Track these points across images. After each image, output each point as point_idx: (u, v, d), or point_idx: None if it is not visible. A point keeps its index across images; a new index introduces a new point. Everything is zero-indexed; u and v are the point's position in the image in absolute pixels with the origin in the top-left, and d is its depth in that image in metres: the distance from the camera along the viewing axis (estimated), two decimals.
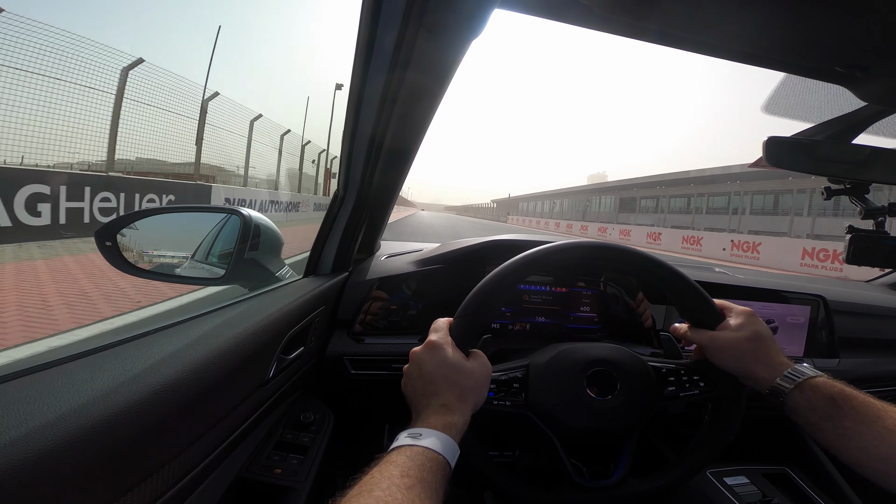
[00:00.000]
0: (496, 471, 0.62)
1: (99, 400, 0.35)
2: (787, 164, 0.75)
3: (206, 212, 1.01)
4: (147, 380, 0.40)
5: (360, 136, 0.78)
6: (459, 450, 0.50)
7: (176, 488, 0.43)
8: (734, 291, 1.11)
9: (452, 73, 0.65)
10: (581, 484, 0.62)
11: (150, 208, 0.80)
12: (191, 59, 31.71)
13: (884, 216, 0.85)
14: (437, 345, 0.59)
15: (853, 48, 0.57)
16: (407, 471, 0.42)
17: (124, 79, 7.78)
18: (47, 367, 0.40)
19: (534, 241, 0.98)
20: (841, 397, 0.54)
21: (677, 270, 0.68)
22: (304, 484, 0.66)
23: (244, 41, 72.13)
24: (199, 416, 0.47)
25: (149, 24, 47.67)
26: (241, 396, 0.58)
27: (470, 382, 0.57)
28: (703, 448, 0.66)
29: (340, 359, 0.92)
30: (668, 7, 0.52)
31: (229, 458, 0.59)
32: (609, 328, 1.05)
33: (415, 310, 1.02)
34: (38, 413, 0.32)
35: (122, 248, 0.76)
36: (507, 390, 0.64)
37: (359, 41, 0.59)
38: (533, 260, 0.66)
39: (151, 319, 3.14)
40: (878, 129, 0.78)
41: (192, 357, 0.47)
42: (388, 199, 1.05)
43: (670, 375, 0.67)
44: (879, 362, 1.17)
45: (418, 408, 0.55)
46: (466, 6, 0.51)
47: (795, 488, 0.93)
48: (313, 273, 0.97)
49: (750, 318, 0.64)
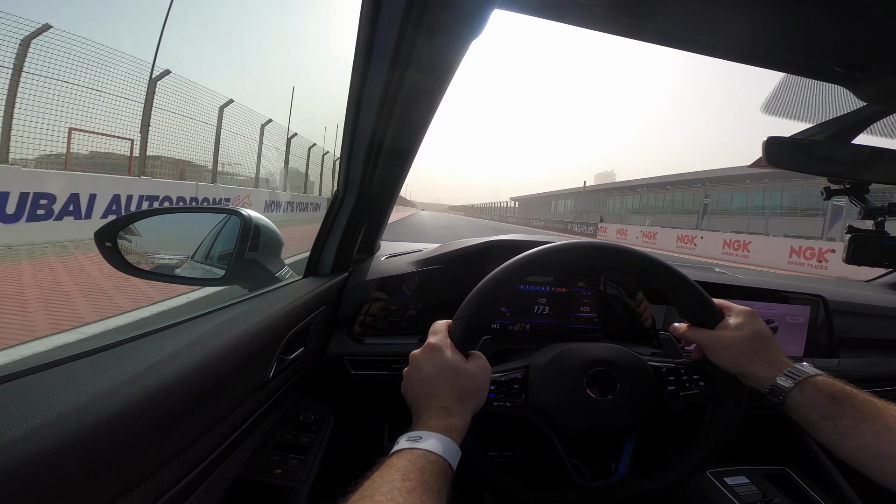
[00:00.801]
0: (496, 472, 0.62)
1: (98, 400, 0.35)
2: (786, 165, 0.75)
3: (205, 212, 1.01)
4: (147, 380, 0.40)
5: (359, 136, 0.78)
6: (461, 452, 0.50)
7: (176, 489, 0.43)
8: (734, 291, 1.11)
9: (452, 73, 0.65)
10: (582, 484, 0.62)
11: (150, 209, 0.80)
12: (188, 59, 31.54)
13: (883, 216, 0.86)
14: (436, 347, 0.59)
15: (853, 48, 0.57)
16: (408, 474, 0.42)
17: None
18: (47, 368, 0.40)
19: (534, 242, 0.98)
20: (841, 396, 0.54)
21: (677, 270, 0.68)
22: (304, 484, 0.66)
23: (243, 40, 71.68)
24: (199, 417, 0.47)
25: (148, 23, 47.48)
26: (242, 397, 0.58)
27: (470, 384, 0.57)
28: (703, 448, 0.66)
29: (340, 359, 0.92)
30: (668, 7, 0.52)
31: (229, 458, 0.59)
32: (609, 328, 1.05)
33: (415, 310, 1.02)
34: (38, 413, 0.32)
35: (122, 249, 0.76)
36: (507, 391, 0.64)
37: (358, 41, 0.59)
38: (533, 260, 0.66)
39: (151, 319, 3.15)
40: (877, 130, 0.78)
41: (192, 358, 0.47)
42: (388, 200, 1.05)
43: (670, 375, 0.67)
44: (879, 362, 1.17)
45: (418, 410, 0.55)
46: (466, 6, 0.51)
47: (796, 488, 0.93)
48: (313, 273, 0.97)
49: (749, 317, 0.64)
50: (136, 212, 0.77)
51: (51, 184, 6.21)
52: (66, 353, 0.42)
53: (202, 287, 0.95)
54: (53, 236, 6.04)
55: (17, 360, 2.35)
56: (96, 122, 7.73)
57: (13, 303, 3.42)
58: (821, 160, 0.78)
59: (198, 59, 35.73)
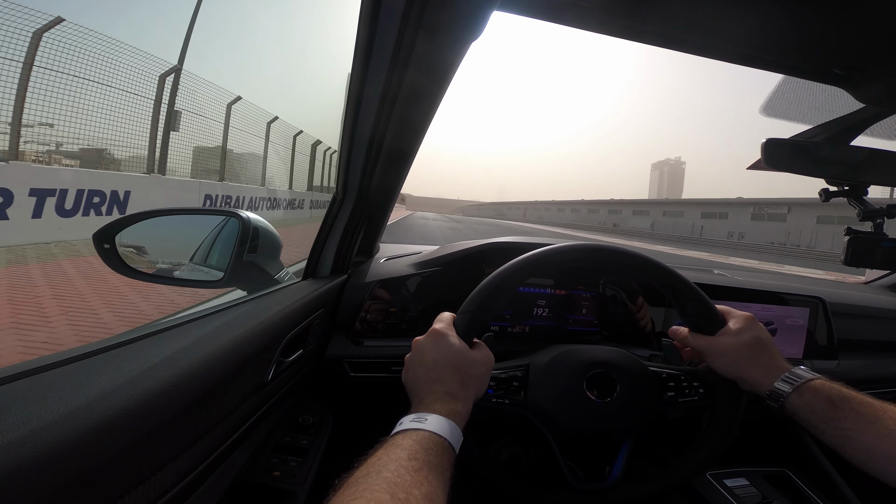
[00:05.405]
0: (489, 466, 0.62)
1: (97, 402, 0.35)
2: (785, 167, 0.75)
3: (204, 214, 1.01)
4: (145, 383, 0.40)
5: (359, 137, 0.78)
6: (462, 437, 0.50)
7: (174, 491, 0.43)
8: (733, 293, 1.11)
9: (452, 74, 0.65)
10: (575, 485, 0.62)
11: (149, 210, 0.80)
12: (190, 58, 31.60)
13: (882, 218, 0.86)
14: (441, 333, 0.59)
15: (851, 50, 0.57)
16: (414, 454, 0.42)
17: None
18: (45, 370, 0.40)
19: (533, 244, 0.98)
20: (840, 399, 0.54)
21: (679, 274, 0.68)
22: (303, 486, 0.66)
23: (243, 39, 71.76)
24: (198, 419, 0.47)
25: (148, 24, 47.44)
26: (240, 399, 0.57)
27: (473, 371, 0.57)
28: (700, 453, 0.65)
29: (340, 361, 0.92)
30: (667, 9, 0.53)
31: (228, 460, 0.58)
32: (608, 330, 1.05)
33: (414, 312, 1.01)
34: (36, 416, 0.32)
35: (120, 251, 0.76)
36: (506, 388, 0.64)
37: (358, 42, 0.59)
38: (537, 260, 0.66)
39: (150, 322, 3.15)
40: (876, 131, 0.78)
41: (191, 360, 0.46)
42: (387, 201, 1.05)
43: (670, 381, 0.67)
44: (878, 364, 1.17)
45: (420, 394, 0.55)
46: (464, 7, 0.52)
47: (795, 490, 0.93)
48: (312, 275, 0.97)
49: (749, 322, 0.64)
50: (134, 213, 0.77)
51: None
52: (64, 356, 0.42)
53: (201, 289, 0.95)
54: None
55: (14, 363, 2.35)
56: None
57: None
58: (819, 162, 0.78)
59: (198, 59, 35.80)
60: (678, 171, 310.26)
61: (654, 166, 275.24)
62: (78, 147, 7.49)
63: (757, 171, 0.83)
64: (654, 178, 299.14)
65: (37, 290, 3.84)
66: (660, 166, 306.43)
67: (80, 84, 6.97)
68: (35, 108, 6.36)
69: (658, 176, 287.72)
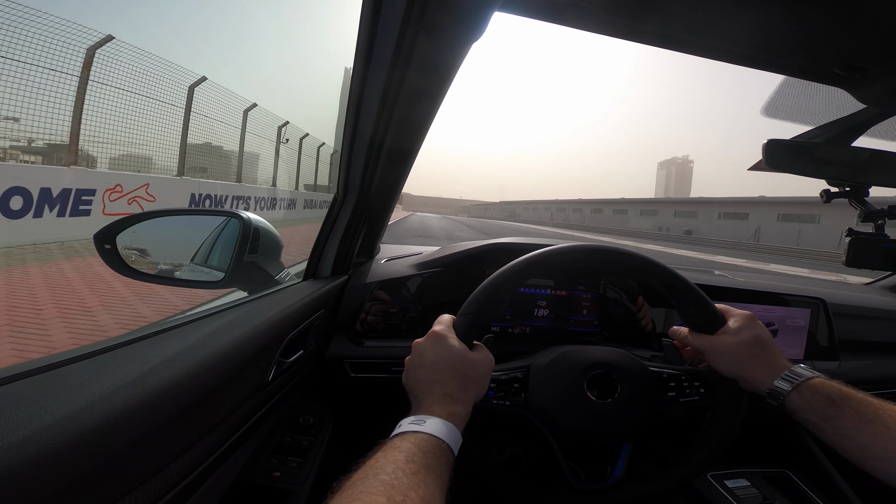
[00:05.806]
0: (490, 466, 0.62)
1: (97, 403, 0.35)
2: (786, 168, 0.75)
3: (205, 215, 1.01)
4: (146, 383, 0.40)
5: (359, 137, 0.78)
6: (461, 439, 0.50)
7: (174, 491, 0.43)
8: (734, 294, 1.11)
9: (453, 75, 0.65)
10: (576, 485, 0.62)
11: (150, 211, 0.80)
12: (188, 58, 31.67)
13: (883, 219, 0.85)
14: (440, 335, 0.59)
15: (852, 50, 0.57)
16: (412, 456, 0.42)
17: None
18: (45, 371, 0.40)
19: (533, 245, 0.98)
20: (839, 397, 0.54)
21: (679, 275, 0.68)
22: (304, 487, 0.66)
23: (243, 39, 71.59)
24: (199, 420, 0.47)
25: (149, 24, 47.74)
26: (241, 399, 0.57)
27: (473, 373, 0.57)
28: (701, 453, 0.65)
29: (340, 362, 0.92)
30: (668, 10, 0.53)
31: (228, 461, 0.58)
32: (608, 331, 1.05)
33: (415, 313, 1.01)
34: (36, 416, 0.32)
35: (121, 252, 0.76)
36: (507, 390, 0.64)
37: (359, 42, 0.59)
38: (538, 261, 0.66)
39: (151, 323, 3.15)
40: (877, 132, 0.78)
41: (192, 360, 0.47)
42: (388, 202, 1.05)
43: (671, 381, 0.67)
44: (879, 365, 1.17)
45: (420, 396, 0.55)
46: (465, 8, 0.52)
47: (796, 490, 0.93)
48: (313, 276, 0.97)
49: (750, 321, 0.64)
50: (135, 214, 0.77)
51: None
52: (65, 356, 0.42)
53: (201, 290, 0.95)
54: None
55: (15, 363, 2.36)
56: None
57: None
58: (820, 163, 0.78)
59: (197, 59, 35.99)
60: (686, 169, 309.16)
61: (661, 165, 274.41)
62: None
63: (758, 171, 0.82)
64: (660, 177, 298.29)
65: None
66: (667, 165, 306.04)
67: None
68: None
69: (665, 175, 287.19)
